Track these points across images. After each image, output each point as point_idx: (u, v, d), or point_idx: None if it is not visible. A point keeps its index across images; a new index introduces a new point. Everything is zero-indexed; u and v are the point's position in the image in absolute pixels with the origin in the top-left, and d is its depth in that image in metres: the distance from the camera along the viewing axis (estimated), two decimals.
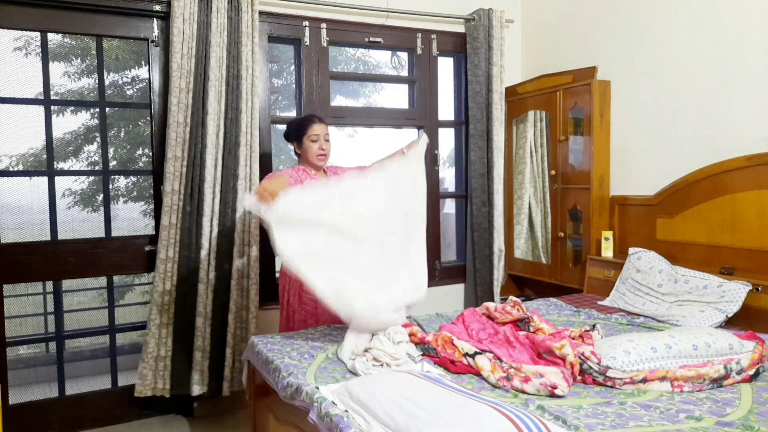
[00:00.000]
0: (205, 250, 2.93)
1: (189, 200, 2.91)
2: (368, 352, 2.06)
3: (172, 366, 2.95)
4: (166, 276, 2.90)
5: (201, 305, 2.93)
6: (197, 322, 2.93)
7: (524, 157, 3.80)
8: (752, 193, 2.61)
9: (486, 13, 3.67)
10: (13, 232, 2.94)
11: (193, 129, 2.91)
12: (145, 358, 2.91)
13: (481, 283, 3.79)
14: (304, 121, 2.69)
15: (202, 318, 2.94)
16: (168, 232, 2.89)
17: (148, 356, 2.91)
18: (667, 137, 3.05)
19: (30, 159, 3.57)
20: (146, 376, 2.91)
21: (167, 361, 2.94)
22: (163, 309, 2.92)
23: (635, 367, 1.84)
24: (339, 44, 3.64)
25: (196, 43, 2.90)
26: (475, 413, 1.46)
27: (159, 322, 2.92)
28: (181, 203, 2.91)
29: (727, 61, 2.75)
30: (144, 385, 2.91)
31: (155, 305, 2.90)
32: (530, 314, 2.36)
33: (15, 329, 3.49)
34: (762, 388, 1.82)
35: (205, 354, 2.96)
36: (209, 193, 2.93)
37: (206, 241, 2.93)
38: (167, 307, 2.93)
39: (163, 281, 2.90)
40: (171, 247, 2.90)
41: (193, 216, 2.93)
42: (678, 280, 2.70)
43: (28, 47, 3.34)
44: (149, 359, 2.91)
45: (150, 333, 2.90)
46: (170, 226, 2.89)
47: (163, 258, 2.89)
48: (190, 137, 2.90)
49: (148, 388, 2.92)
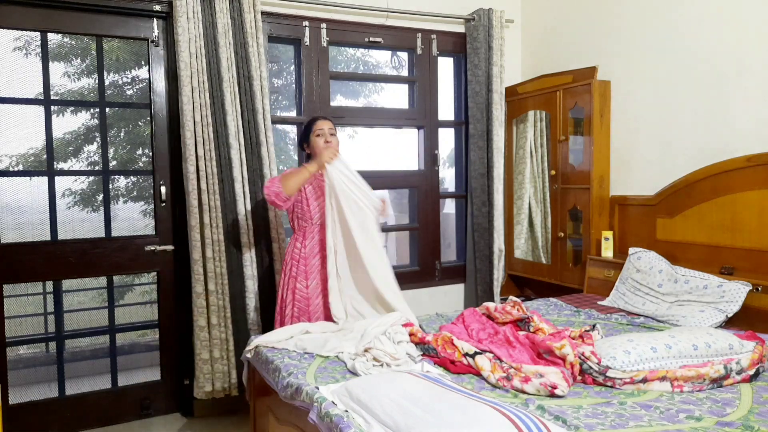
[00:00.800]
0: (246, 247, 2.98)
1: (222, 199, 2.95)
2: (368, 352, 2.06)
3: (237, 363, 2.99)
4: (208, 277, 2.90)
5: (252, 300, 2.99)
6: (250, 317, 3.00)
7: (524, 157, 3.80)
8: (752, 193, 2.61)
9: (486, 13, 3.68)
10: (13, 232, 2.94)
11: (217, 129, 2.93)
12: (198, 362, 2.93)
13: (481, 283, 3.79)
14: (309, 121, 2.82)
15: (255, 313, 3.01)
16: (199, 233, 2.89)
17: (199, 360, 2.92)
18: (667, 137, 3.05)
19: (30, 159, 3.57)
20: (198, 378, 2.94)
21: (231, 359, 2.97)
22: (210, 310, 2.92)
23: (635, 367, 1.84)
24: (339, 44, 3.65)
25: (204, 43, 2.90)
26: (475, 413, 1.46)
27: (204, 324, 2.92)
28: (216, 202, 2.92)
29: (728, 61, 2.75)
30: (198, 388, 2.94)
31: (196, 308, 2.90)
32: (530, 314, 2.36)
33: (15, 329, 3.49)
34: (762, 388, 1.82)
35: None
36: (240, 192, 2.97)
37: (246, 238, 2.98)
38: (214, 308, 2.93)
39: (203, 283, 2.90)
40: (208, 248, 2.90)
41: (233, 214, 2.97)
42: (678, 280, 2.70)
43: (28, 47, 3.34)
44: (200, 363, 2.92)
45: (196, 336, 2.91)
46: (201, 226, 2.89)
47: (197, 259, 2.89)
48: (215, 136, 2.92)
49: (201, 392, 2.94)
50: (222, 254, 2.95)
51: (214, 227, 2.93)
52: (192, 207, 2.88)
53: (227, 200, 2.97)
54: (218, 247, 2.94)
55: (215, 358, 2.95)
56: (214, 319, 2.94)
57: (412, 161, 3.89)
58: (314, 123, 2.76)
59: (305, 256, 2.67)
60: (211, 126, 2.92)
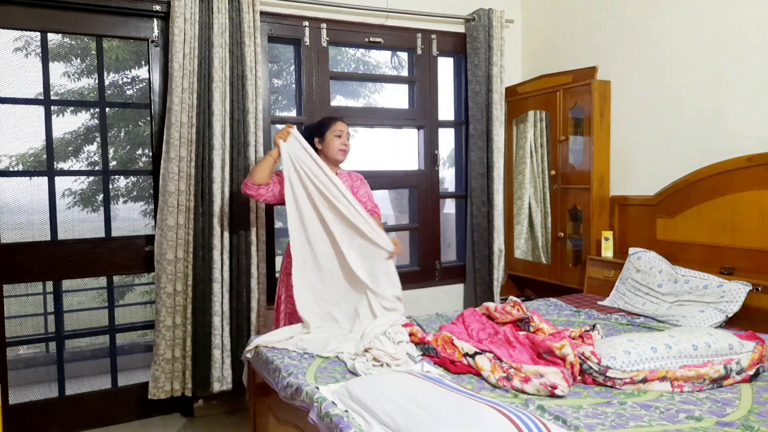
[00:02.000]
0: (217, 250, 2.93)
1: (201, 201, 2.92)
2: (368, 352, 2.06)
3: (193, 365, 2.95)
4: (177, 277, 2.90)
5: (217, 304, 2.94)
6: (214, 321, 2.94)
7: (524, 157, 3.80)
8: (752, 193, 2.61)
9: (486, 13, 3.68)
10: (13, 232, 2.94)
11: (200, 130, 2.91)
12: (157, 360, 2.90)
13: (480, 283, 3.79)
14: (328, 119, 2.81)
15: (218, 317, 2.94)
16: (175, 233, 2.88)
17: (159, 358, 2.90)
18: (667, 137, 3.06)
19: (30, 159, 3.57)
20: (158, 379, 2.91)
21: (187, 361, 2.94)
22: (176, 310, 2.91)
23: (635, 367, 1.84)
24: (339, 44, 3.64)
25: (198, 44, 2.90)
26: (475, 413, 1.46)
27: (171, 323, 2.90)
28: (191, 203, 2.91)
29: (727, 61, 2.75)
30: (157, 387, 2.91)
31: (163, 307, 2.88)
32: (530, 314, 2.36)
33: (15, 329, 3.50)
34: (762, 388, 1.82)
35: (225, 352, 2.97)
36: (218, 194, 2.94)
37: (218, 241, 2.94)
38: (180, 309, 2.92)
39: (173, 283, 2.89)
40: (180, 248, 2.89)
41: (205, 216, 2.93)
42: (678, 280, 2.70)
43: (28, 47, 3.34)
44: (160, 361, 2.90)
45: (159, 335, 2.89)
46: (177, 227, 2.88)
47: (170, 259, 2.88)
48: (197, 138, 2.91)
49: (161, 391, 2.91)
50: (190, 255, 2.93)
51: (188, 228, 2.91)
52: (171, 208, 2.86)
53: (205, 201, 2.93)
54: (189, 248, 2.92)
55: (176, 358, 2.94)
56: (179, 319, 2.93)
57: (412, 161, 3.89)
58: (334, 123, 2.73)
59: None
60: (195, 127, 2.90)
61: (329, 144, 2.72)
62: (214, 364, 2.94)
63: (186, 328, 2.94)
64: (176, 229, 2.88)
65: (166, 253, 2.86)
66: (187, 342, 2.94)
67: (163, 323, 2.89)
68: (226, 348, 2.98)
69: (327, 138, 2.72)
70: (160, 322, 2.88)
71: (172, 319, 2.91)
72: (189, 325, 2.94)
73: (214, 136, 2.92)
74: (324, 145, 2.73)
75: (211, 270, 2.93)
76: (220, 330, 2.96)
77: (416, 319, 2.67)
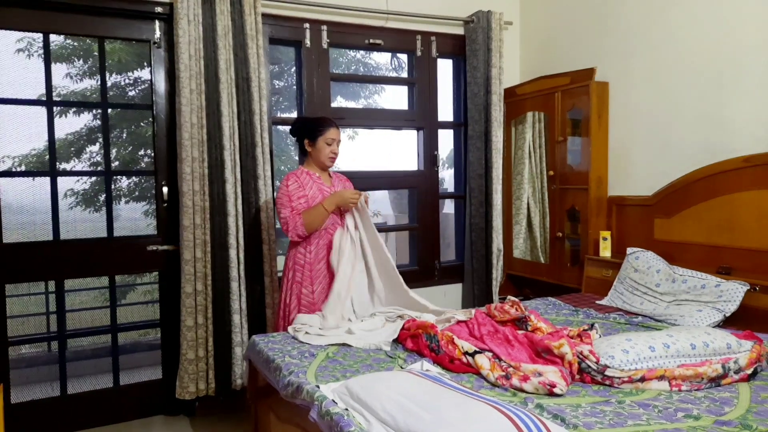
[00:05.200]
0: (233, 248, 2.96)
1: (216, 200, 2.95)
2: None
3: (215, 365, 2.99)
4: (196, 277, 2.91)
5: (236, 302, 2.97)
6: (234, 319, 2.97)
7: (523, 158, 3.82)
8: (750, 193, 2.62)
9: (485, 15, 3.69)
10: (16, 232, 2.96)
11: (210, 130, 2.94)
12: (181, 360, 2.92)
13: (479, 282, 3.80)
14: (321, 121, 2.76)
15: (238, 315, 2.98)
16: (192, 233, 2.89)
17: (183, 359, 2.92)
18: (665, 138, 3.07)
19: (32, 160, 3.59)
20: (183, 378, 2.93)
21: (210, 361, 2.97)
22: (197, 310, 2.93)
23: (633, 366, 1.85)
24: (339, 46, 3.66)
25: (203, 45, 2.91)
26: (475, 412, 1.47)
27: (192, 323, 2.92)
28: (206, 203, 2.93)
29: (725, 62, 2.77)
30: (182, 387, 2.93)
31: (183, 307, 2.90)
32: (528, 313, 2.37)
33: (17, 328, 3.51)
34: (760, 387, 1.83)
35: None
36: (231, 193, 2.97)
37: (234, 240, 2.97)
38: (201, 308, 2.93)
39: (192, 282, 2.90)
40: (198, 248, 2.91)
41: (221, 216, 2.96)
42: (676, 280, 2.72)
43: (30, 49, 3.36)
44: (183, 362, 2.92)
45: (181, 335, 2.91)
46: (194, 227, 2.90)
47: (188, 259, 2.89)
48: (208, 138, 2.93)
49: (186, 392, 2.93)
50: (208, 254, 2.95)
51: (205, 228, 2.93)
52: (186, 208, 2.89)
53: (217, 201, 2.96)
54: (207, 247, 2.95)
55: (199, 358, 2.96)
56: (200, 319, 2.95)
57: (411, 162, 3.91)
58: (328, 129, 2.71)
59: (310, 262, 2.68)
60: (206, 128, 2.93)
61: (320, 150, 2.72)
62: (235, 362, 2.97)
63: (208, 327, 2.96)
64: (192, 228, 2.90)
65: (183, 253, 2.89)
66: (209, 342, 2.97)
67: (184, 323, 2.91)
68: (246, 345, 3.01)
69: (318, 143, 2.71)
70: (182, 323, 2.91)
71: (194, 319, 2.92)
72: (210, 324, 2.97)
73: (224, 136, 2.95)
74: (314, 149, 2.73)
75: (228, 269, 2.96)
76: (240, 328, 2.99)
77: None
